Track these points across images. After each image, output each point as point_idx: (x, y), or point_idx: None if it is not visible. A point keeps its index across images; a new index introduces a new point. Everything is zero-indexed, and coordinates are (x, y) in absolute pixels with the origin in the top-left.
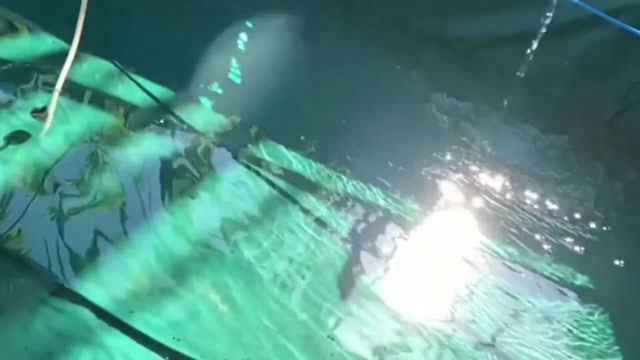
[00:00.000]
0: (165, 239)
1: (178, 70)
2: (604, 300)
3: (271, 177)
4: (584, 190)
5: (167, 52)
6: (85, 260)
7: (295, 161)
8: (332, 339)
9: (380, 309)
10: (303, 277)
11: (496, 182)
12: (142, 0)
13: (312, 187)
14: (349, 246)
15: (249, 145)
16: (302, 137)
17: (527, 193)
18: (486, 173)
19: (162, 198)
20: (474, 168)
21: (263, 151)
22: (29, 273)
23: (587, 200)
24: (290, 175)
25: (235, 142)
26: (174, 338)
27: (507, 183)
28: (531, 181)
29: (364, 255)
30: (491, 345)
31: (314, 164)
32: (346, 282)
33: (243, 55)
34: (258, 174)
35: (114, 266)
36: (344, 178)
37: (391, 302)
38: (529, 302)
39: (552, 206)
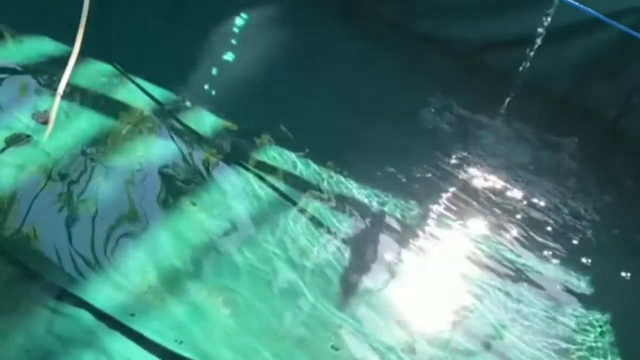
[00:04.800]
0: (166, 242)
1: (180, 74)
2: (607, 306)
3: (272, 180)
4: (586, 193)
5: (169, 56)
6: (86, 263)
7: (296, 164)
8: (335, 347)
9: (380, 311)
10: (304, 280)
11: (497, 185)
12: (144, 3)
13: (313, 190)
14: (349, 249)
15: (250, 149)
16: (302, 140)
17: (528, 196)
18: (487, 176)
19: (164, 201)
20: (474, 171)
21: (263, 154)
22: (30, 276)
23: (590, 203)
24: (290, 178)
25: (236, 145)
26: (175, 341)
27: (508, 186)
28: (532, 184)
29: (365, 258)
30: (492, 348)
31: (314, 167)
32: (347, 286)
33: (243, 59)
34: (259, 177)
35: (115, 269)
36: (344, 180)
37: (391, 305)
38: (531, 305)
39: (554, 209)
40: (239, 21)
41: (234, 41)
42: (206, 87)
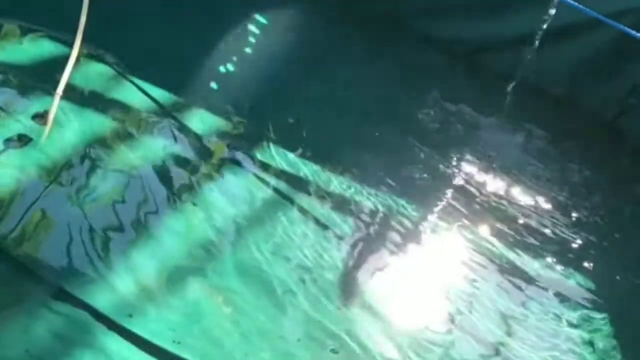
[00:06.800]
0: (165, 242)
1: (179, 74)
2: (610, 309)
3: (272, 180)
4: (586, 195)
5: (168, 55)
6: (86, 264)
7: (296, 164)
8: (334, 350)
9: (379, 313)
10: (303, 281)
11: (496, 186)
12: (143, 4)
13: (313, 190)
14: (349, 250)
15: (250, 149)
16: (302, 140)
17: (528, 197)
18: (486, 177)
19: (163, 202)
20: (473, 172)
21: (264, 154)
22: (29, 276)
23: (590, 205)
24: (291, 179)
25: (236, 145)
26: (173, 341)
27: (508, 187)
28: (531, 185)
29: (365, 259)
30: (493, 350)
31: (314, 167)
32: (347, 287)
33: (243, 59)
34: (259, 177)
35: (114, 270)
36: (344, 181)
37: (391, 307)
38: (532, 309)
39: (554, 210)
40: (238, 22)
41: (233, 42)
42: (206, 87)
